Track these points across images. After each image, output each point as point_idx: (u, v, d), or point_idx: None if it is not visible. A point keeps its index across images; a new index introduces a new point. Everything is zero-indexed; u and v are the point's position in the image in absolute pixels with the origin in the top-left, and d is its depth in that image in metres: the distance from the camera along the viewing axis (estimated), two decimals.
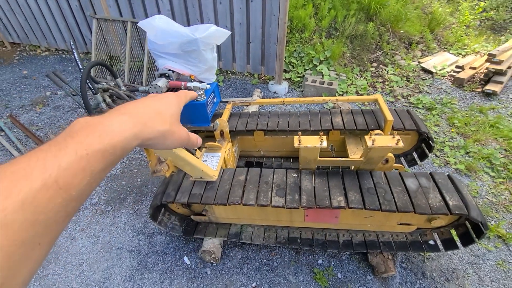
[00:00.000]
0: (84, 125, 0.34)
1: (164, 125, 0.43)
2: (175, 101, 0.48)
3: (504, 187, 2.43)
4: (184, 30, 1.75)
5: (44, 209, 0.27)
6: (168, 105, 0.46)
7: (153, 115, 0.42)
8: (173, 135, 0.44)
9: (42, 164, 0.28)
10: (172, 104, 0.47)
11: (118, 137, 0.35)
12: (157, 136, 0.41)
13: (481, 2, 5.66)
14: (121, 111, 0.39)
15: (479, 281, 1.82)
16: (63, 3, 4.30)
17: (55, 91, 4.10)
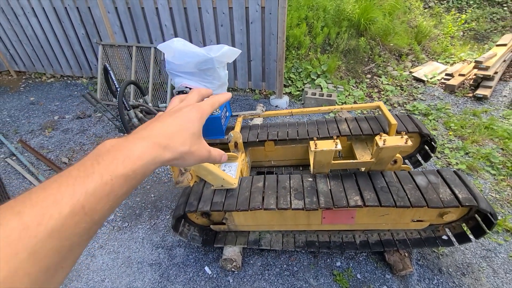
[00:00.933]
0: (110, 149, 0.35)
1: (183, 146, 0.41)
2: (197, 117, 0.45)
3: (506, 184, 2.54)
4: (200, 50, 1.90)
5: (70, 234, 0.28)
6: (189, 122, 0.43)
7: (173, 135, 0.41)
8: (192, 155, 0.43)
9: (71, 190, 0.29)
10: (193, 121, 0.44)
11: (139, 162, 0.35)
12: (176, 157, 0.41)
13: (462, 14, 6.06)
14: (142, 134, 0.39)
15: (493, 273, 1.88)
16: (70, 32, 4.50)
17: (63, 115, 4.21)
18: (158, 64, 4.22)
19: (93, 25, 4.30)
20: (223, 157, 0.51)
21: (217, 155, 0.50)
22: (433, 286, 1.83)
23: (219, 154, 0.50)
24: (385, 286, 1.85)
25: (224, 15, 3.65)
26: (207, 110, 0.48)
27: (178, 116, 0.44)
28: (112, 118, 1.57)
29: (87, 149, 3.48)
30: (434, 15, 6.11)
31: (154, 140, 0.38)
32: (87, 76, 5.08)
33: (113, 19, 4.13)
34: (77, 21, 4.34)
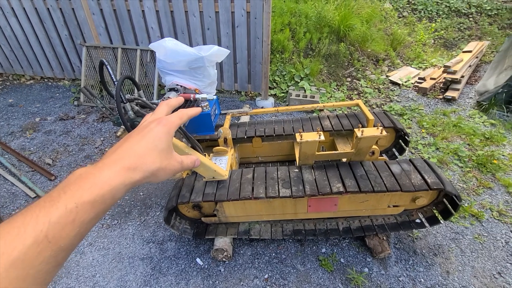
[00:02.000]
0: (78, 177, 0.36)
1: (153, 164, 0.42)
2: (165, 132, 0.45)
3: (472, 175, 2.80)
4: (191, 49, 1.99)
5: (34, 263, 0.29)
6: (156, 139, 0.43)
7: (142, 156, 0.41)
8: (164, 170, 0.44)
9: (35, 221, 0.30)
10: (160, 137, 0.44)
11: (107, 187, 0.36)
12: (147, 176, 0.41)
13: (432, 23, 6.53)
14: (111, 158, 0.40)
15: (461, 253, 2.08)
16: (53, 33, 4.44)
17: (44, 117, 4.12)
18: (144, 66, 4.25)
19: (77, 26, 4.27)
20: (196, 162, 0.52)
21: (189, 162, 0.50)
22: (408, 266, 2.00)
23: (191, 161, 0.50)
24: (366, 268, 2.00)
25: (211, 19, 3.76)
26: (175, 123, 0.48)
27: (145, 134, 0.44)
28: (106, 111, 1.62)
29: (72, 150, 3.44)
30: (407, 24, 6.55)
31: (123, 163, 0.39)
32: (69, 78, 4.99)
33: (98, 21, 4.12)
34: (60, 22, 4.29)
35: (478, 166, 2.88)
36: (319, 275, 1.97)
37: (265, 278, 1.96)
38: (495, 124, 3.55)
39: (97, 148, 3.43)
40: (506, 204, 2.47)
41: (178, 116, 0.50)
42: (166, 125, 0.46)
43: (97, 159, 3.26)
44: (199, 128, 2.19)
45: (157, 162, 0.43)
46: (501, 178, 2.72)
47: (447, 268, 1.99)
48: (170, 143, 0.46)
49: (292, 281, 1.94)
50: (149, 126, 0.46)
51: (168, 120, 0.47)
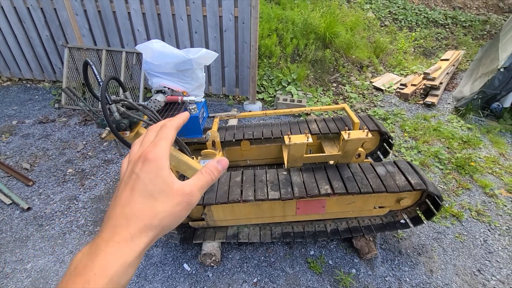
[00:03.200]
0: (73, 272, 0.32)
1: (157, 217, 0.35)
2: (155, 170, 0.36)
3: (451, 177, 2.92)
4: (178, 52, 1.98)
5: None
6: (149, 185, 0.35)
7: (139, 215, 0.34)
8: (174, 215, 0.36)
9: None
10: (153, 180, 0.36)
11: (105, 278, 0.30)
12: (157, 234, 0.35)
13: (412, 33, 6.83)
14: (106, 231, 0.33)
15: (443, 252, 2.15)
16: (32, 33, 4.28)
17: (22, 120, 3.94)
18: (130, 69, 4.17)
19: (59, 27, 4.14)
20: (220, 165, 0.42)
21: (208, 177, 0.40)
22: (394, 266, 2.05)
23: (210, 173, 0.40)
24: (353, 269, 2.02)
25: (199, 22, 3.76)
26: (164, 148, 0.38)
27: (134, 186, 0.35)
28: (90, 112, 1.57)
29: (52, 154, 3.29)
30: (389, 33, 6.81)
31: (119, 237, 0.33)
32: (49, 80, 4.81)
33: (82, 22, 4.02)
34: (41, 22, 4.15)
35: (457, 168, 3.01)
36: (308, 278, 1.98)
37: (254, 282, 1.94)
38: (471, 128, 3.73)
39: (79, 152, 3.31)
40: (483, 204, 2.59)
41: (164, 138, 0.39)
42: (154, 159, 0.36)
43: (79, 163, 3.14)
44: (187, 131, 2.16)
45: (160, 212, 0.35)
46: (478, 179, 2.85)
47: (431, 267, 2.05)
48: (168, 175, 0.37)
49: (281, 284, 1.94)
50: (134, 171, 0.36)
51: (155, 152, 0.37)
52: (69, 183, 2.88)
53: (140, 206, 0.34)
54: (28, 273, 2.04)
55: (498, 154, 3.27)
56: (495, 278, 1.99)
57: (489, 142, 3.48)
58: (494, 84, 3.72)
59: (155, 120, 1.61)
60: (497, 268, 2.05)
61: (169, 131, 0.41)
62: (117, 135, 1.46)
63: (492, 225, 2.38)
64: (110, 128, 1.41)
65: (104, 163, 3.13)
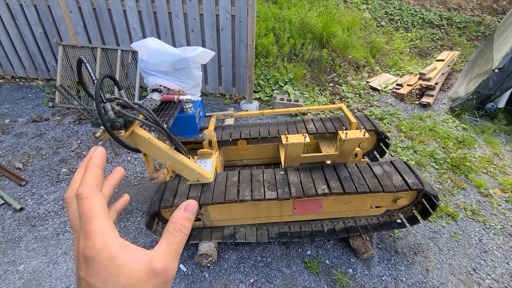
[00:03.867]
0: None
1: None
2: (108, 259, 0.29)
3: (447, 176, 2.94)
4: (175, 50, 1.95)
5: None
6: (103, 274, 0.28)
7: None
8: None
9: None
10: (111, 270, 0.28)
11: None
12: None
13: (408, 33, 6.87)
14: None
15: (439, 251, 2.16)
16: (26, 30, 4.21)
17: (15, 118, 3.87)
18: (125, 67, 4.12)
19: (53, 24, 4.08)
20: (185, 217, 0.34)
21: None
22: (391, 265, 2.05)
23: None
24: (350, 268, 2.02)
25: (195, 21, 3.73)
26: (103, 238, 0.29)
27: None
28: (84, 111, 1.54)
29: (45, 153, 3.24)
30: (385, 33, 6.85)
31: None
32: (43, 78, 4.74)
33: (76, 19, 3.96)
34: (35, 19, 4.08)
35: (453, 168, 3.03)
36: (305, 278, 1.97)
37: (251, 282, 1.93)
38: (466, 128, 3.76)
39: (73, 152, 3.26)
40: (478, 204, 2.61)
41: (92, 215, 0.30)
42: (95, 255, 0.29)
43: (73, 163, 3.10)
44: (183, 130, 2.14)
45: None
46: (473, 179, 2.88)
47: (427, 266, 2.06)
48: (124, 262, 0.29)
49: (278, 285, 1.93)
50: (80, 276, 0.29)
51: (91, 245, 0.29)
52: (63, 182, 2.83)
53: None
54: (21, 274, 2.00)
55: (492, 154, 3.30)
56: (490, 277, 2.01)
57: (483, 142, 3.51)
58: (488, 84, 3.76)
59: (150, 119, 1.59)
60: (492, 267, 2.07)
61: (95, 199, 0.31)
62: (112, 134, 1.43)
63: (487, 225, 2.40)
64: (105, 127, 1.39)
65: None
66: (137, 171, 2.96)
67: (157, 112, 1.90)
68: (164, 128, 1.67)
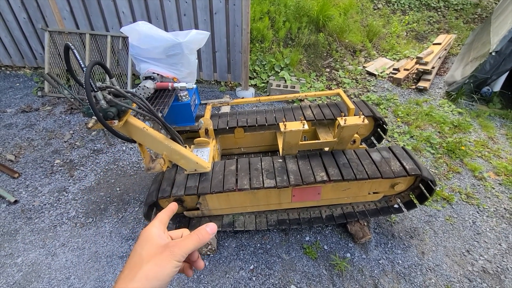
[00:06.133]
0: None
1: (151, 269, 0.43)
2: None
3: (443, 161, 2.96)
4: (167, 35, 1.87)
5: None
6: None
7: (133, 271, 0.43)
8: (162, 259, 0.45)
9: None
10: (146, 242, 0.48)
11: None
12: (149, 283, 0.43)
13: (405, 16, 6.75)
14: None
15: (434, 234, 2.21)
16: (8, 15, 4.01)
17: (3, 109, 3.75)
18: (116, 54, 3.98)
19: (37, 8, 3.89)
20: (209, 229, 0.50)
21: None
22: (387, 249, 2.09)
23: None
24: (348, 253, 2.06)
25: (187, 4, 3.58)
26: (151, 226, 0.51)
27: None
28: (75, 101, 1.48)
29: (37, 144, 3.17)
30: (382, 16, 6.71)
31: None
32: (30, 66, 4.57)
33: (62, 3, 3.78)
34: (17, 3, 3.88)
35: (448, 152, 3.05)
36: (304, 263, 2.00)
37: (251, 269, 1.96)
38: (462, 112, 3.77)
39: (66, 142, 3.19)
40: (472, 187, 2.65)
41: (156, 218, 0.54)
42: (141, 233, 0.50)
43: (67, 154, 3.04)
44: (179, 118, 2.09)
45: (144, 262, 0.44)
46: (468, 163, 2.91)
47: (422, 249, 2.10)
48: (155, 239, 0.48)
49: (278, 270, 1.96)
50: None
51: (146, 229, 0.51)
52: (57, 174, 2.79)
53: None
54: (19, 267, 1.99)
55: (487, 138, 3.33)
56: (483, 258, 2.07)
57: (478, 126, 3.53)
58: (485, 68, 3.74)
59: (144, 108, 1.53)
60: (485, 248, 2.13)
61: (155, 221, 0.52)
62: (105, 124, 1.39)
63: (480, 207, 2.45)
64: (97, 117, 1.34)
65: (93, 153, 3.04)
66: (133, 161, 2.92)
67: (151, 101, 1.85)
68: (159, 117, 1.62)
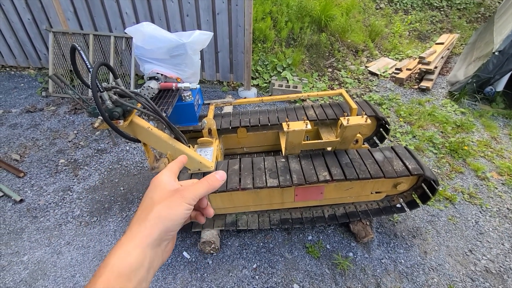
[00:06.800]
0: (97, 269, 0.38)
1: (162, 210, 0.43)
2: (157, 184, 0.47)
3: (445, 161, 2.96)
4: (171, 35, 1.89)
5: None
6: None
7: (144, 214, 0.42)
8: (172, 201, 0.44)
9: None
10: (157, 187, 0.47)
11: (115, 274, 0.36)
12: (162, 223, 0.42)
13: (408, 16, 6.73)
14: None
15: (437, 234, 2.21)
16: (13, 16, 4.05)
17: (8, 109, 3.79)
18: (119, 54, 4.01)
19: (41, 9, 3.92)
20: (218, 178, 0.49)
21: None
22: (390, 249, 2.10)
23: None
24: (351, 252, 2.07)
25: (190, 5, 3.60)
26: (162, 175, 0.49)
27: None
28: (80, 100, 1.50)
29: (42, 144, 3.20)
30: (384, 16, 6.70)
31: (125, 238, 0.41)
32: (35, 67, 4.61)
33: (66, 4, 3.81)
34: (22, 5, 3.92)
35: (451, 152, 3.05)
36: (306, 262, 2.02)
37: (254, 268, 1.97)
38: (465, 112, 3.77)
39: (71, 142, 3.22)
40: (475, 187, 2.65)
41: (167, 167, 0.52)
42: (152, 181, 0.49)
43: (71, 153, 3.07)
44: (183, 118, 2.11)
45: (156, 204, 0.44)
46: (471, 163, 2.91)
47: (425, 249, 2.11)
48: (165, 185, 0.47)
49: (280, 269, 1.97)
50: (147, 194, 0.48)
51: (156, 176, 0.49)
52: (62, 173, 2.82)
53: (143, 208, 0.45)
54: (25, 265, 2.02)
55: (490, 137, 3.32)
56: (486, 257, 2.07)
57: (481, 126, 3.52)
58: (488, 68, 3.73)
59: (149, 108, 1.55)
60: (488, 248, 2.13)
61: (165, 169, 0.51)
62: (111, 124, 1.41)
63: (483, 207, 2.45)
64: (103, 117, 1.36)
65: (97, 152, 3.06)
66: (136, 161, 2.94)
67: (155, 101, 1.87)
68: (164, 117, 1.64)
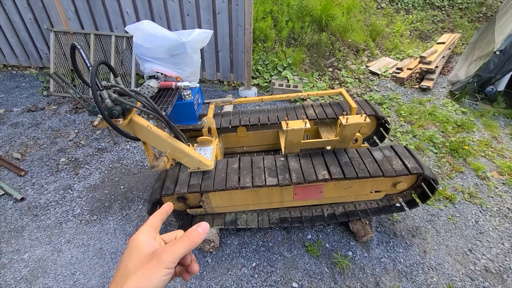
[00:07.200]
0: None
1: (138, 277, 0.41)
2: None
3: (445, 160, 2.96)
4: (171, 34, 1.89)
5: None
6: None
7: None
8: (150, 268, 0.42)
9: None
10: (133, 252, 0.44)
11: None
12: None
13: (409, 15, 6.72)
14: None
15: (436, 233, 2.21)
16: (15, 16, 4.07)
17: (10, 108, 3.81)
18: (120, 54, 4.02)
19: (43, 9, 3.94)
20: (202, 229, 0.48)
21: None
22: (389, 248, 2.10)
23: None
24: (350, 251, 2.07)
25: (190, 4, 3.61)
26: (139, 233, 0.47)
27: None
28: (81, 99, 1.51)
29: (43, 143, 3.21)
30: (385, 15, 6.68)
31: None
32: (36, 66, 4.63)
33: (67, 4, 3.83)
34: (23, 4, 3.94)
35: (451, 152, 3.05)
36: (306, 261, 2.02)
37: (253, 266, 1.98)
38: (465, 112, 3.76)
39: (71, 141, 3.24)
40: (475, 187, 2.65)
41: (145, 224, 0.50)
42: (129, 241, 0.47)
43: (72, 152, 3.08)
44: (182, 117, 2.11)
45: (130, 271, 0.42)
46: (472, 162, 2.90)
47: (424, 248, 2.11)
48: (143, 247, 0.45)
49: (280, 268, 1.97)
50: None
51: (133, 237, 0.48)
52: (62, 172, 2.83)
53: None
54: (26, 263, 2.03)
55: (490, 137, 3.31)
56: (485, 257, 2.06)
57: (482, 125, 3.51)
58: (489, 67, 3.71)
59: (149, 106, 1.56)
60: (487, 248, 2.12)
61: (143, 226, 0.50)
62: (110, 122, 1.41)
63: (483, 207, 2.44)
64: (103, 116, 1.36)
65: (97, 151, 3.08)
66: (136, 160, 2.95)
67: (155, 100, 1.87)
68: (163, 116, 1.65)
